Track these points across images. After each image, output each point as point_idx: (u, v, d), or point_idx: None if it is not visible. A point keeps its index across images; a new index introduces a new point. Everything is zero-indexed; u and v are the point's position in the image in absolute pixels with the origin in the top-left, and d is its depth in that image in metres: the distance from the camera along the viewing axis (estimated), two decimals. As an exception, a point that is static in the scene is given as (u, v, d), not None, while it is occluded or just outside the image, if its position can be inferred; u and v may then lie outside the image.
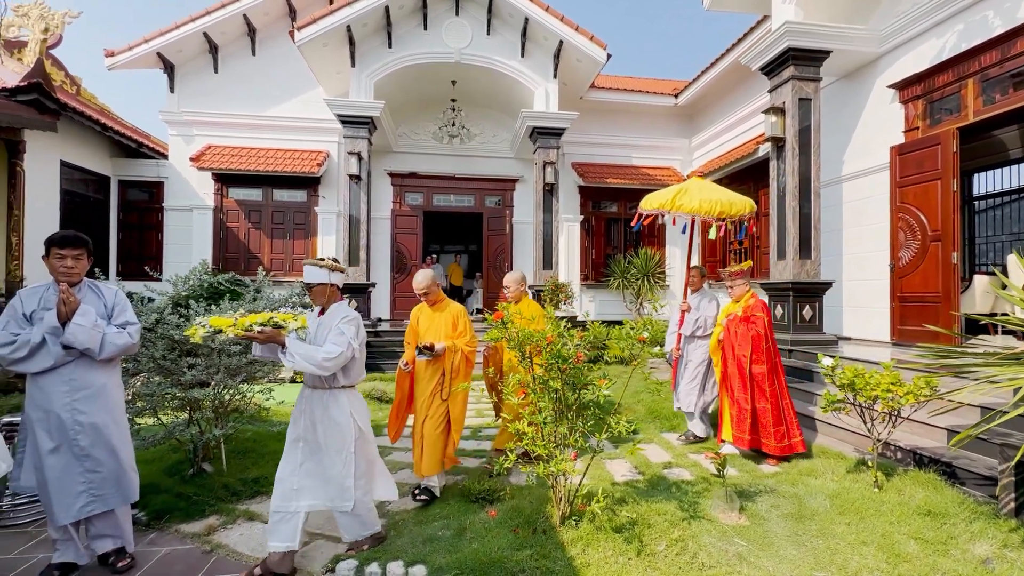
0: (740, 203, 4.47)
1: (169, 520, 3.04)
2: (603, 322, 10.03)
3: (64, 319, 2.44)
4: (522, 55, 9.00)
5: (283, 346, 2.50)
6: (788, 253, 6.41)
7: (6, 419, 3.22)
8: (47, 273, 2.57)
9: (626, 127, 10.98)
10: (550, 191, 9.11)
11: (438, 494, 3.37)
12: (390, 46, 8.75)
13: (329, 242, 9.91)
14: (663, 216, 4.80)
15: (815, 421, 4.71)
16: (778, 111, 6.50)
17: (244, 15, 9.54)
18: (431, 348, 3.30)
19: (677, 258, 10.95)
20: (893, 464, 3.74)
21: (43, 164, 8.15)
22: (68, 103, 8.09)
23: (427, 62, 8.86)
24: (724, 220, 4.55)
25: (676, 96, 10.58)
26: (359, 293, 8.65)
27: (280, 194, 10.01)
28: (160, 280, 5.41)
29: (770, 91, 6.77)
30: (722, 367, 4.29)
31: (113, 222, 9.72)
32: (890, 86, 6.30)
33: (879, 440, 3.44)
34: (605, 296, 10.52)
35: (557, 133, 9.02)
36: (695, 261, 10.76)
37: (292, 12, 9.95)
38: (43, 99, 7.17)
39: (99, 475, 2.55)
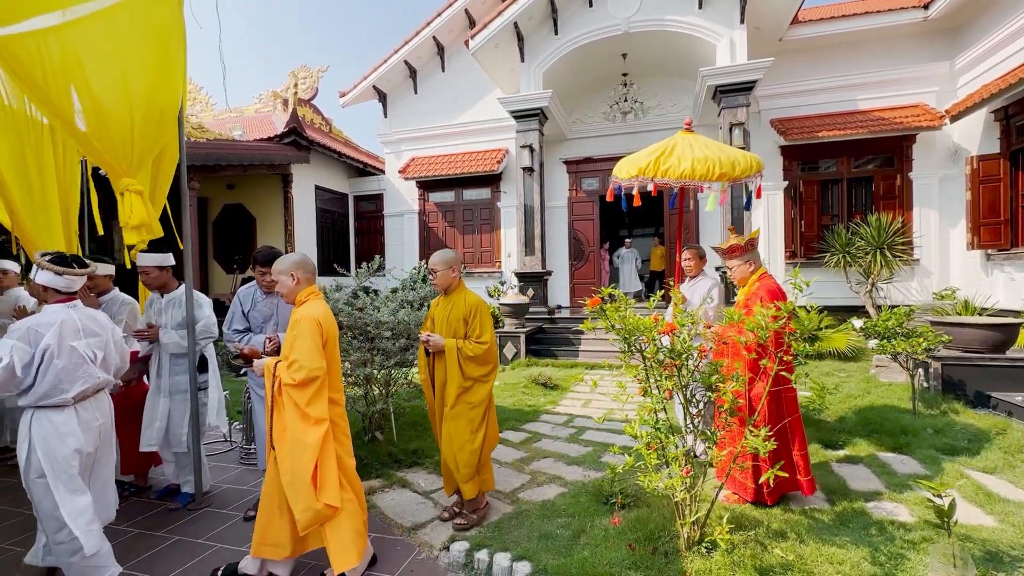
0: (744, 160, 3.30)
1: (345, 477, 3.61)
2: (819, 309, 8.33)
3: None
4: (699, 6, 7.92)
5: None
6: None
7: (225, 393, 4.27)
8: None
9: (847, 64, 8.72)
10: (739, 157, 7.85)
11: None
12: (556, 32, 8.71)
13: (511, 234, 10.48)
14: (647, 185, 3.60)
15: None
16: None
17: (434, 36, 10.73)
18: (246, 359, 2.57)
19: (933, 223, 8.28)
20: None
21: (304, 189, 10.61)
22: (317, 140, 10.34)
23: (594, 40, 8.53)
24: (723, 184, 3.39)
25: (926, 7, 7.93)
26: (535, 281, 8.94)
27: (468, 193, 11.02)
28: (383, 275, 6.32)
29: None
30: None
31: (351, 230, 12.12)
32: None
33: None
34: (819, 276, 8.56)
35: (746, 88, 7.70)
36: (960, 224, 8.02)
37: (472, 23, 10.75)
38: (298, 139, 9.31)
39: None
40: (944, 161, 8.25)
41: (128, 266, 4.25)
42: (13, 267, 4.17)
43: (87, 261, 2.48)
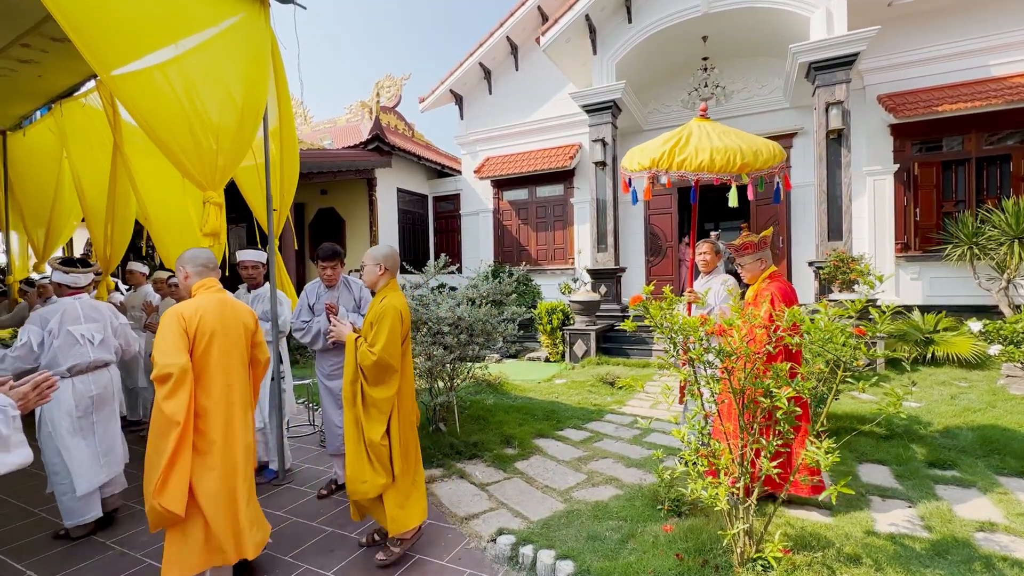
0: (767, 150, 2.95)
1: (409, 464, 3.80)
2: (938, 309, 7.37)
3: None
4: (790, -23, 7.26)
5: None
6: None
7: (295, 381, 4.64)
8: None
9: (974, 24, 7.50)
10: (837, 139, 7.10)
11: None
12: (630, 20, 8.44)
13: (584, 230, 10.34)
14: (656, 180, 3.35)
15: None
16: None
17: (507, 36, 10.84)
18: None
19: (1094, 206, 6.88)
20: None
21: (387, 192, 11.25)
22: (398, 144, 10.91)
23: (671, 24, 8.15)
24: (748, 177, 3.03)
25: (1086, -54, 6.60)
26: (608, 278, 8.76)
27: (541, 191, 11.04)
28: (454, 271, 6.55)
29: None
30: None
31: (431, 229, 12.65)
32: None
33: None
34: (939, 271, 7.55)
35: (846, 62, 6.92)
36: None
37: (545, 19, 10.71)
38: (380, 144, 9.89)
39: None
40: (1111, 131, 6.84)
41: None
42: (142, 268, 4.88)
43: (90, 262, 3.19)
